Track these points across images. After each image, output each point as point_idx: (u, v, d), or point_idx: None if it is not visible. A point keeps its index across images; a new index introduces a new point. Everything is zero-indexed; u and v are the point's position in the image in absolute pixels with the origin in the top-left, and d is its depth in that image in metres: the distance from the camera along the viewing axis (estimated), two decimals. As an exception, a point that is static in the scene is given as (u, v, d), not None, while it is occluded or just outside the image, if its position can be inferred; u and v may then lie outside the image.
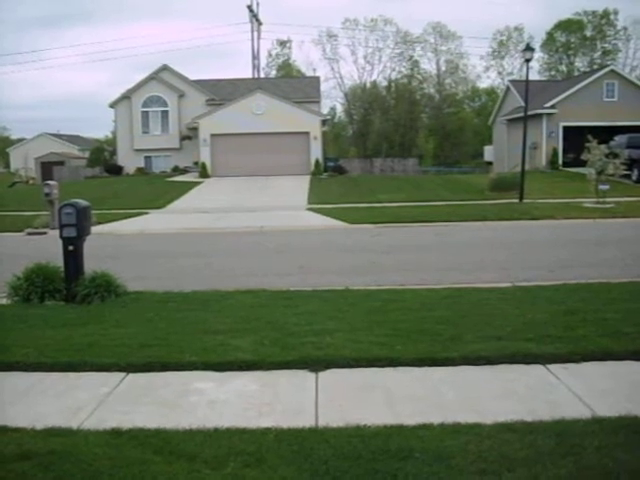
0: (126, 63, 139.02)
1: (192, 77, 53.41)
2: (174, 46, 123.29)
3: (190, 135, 49.01)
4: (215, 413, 6.03)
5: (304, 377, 6.93)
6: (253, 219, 24.96)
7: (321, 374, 6.97)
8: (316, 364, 7.13)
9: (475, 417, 5.68)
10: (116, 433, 5.50)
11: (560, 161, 44.33)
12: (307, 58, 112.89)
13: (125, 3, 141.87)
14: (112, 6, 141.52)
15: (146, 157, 51.14)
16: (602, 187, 26.93)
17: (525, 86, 30.96)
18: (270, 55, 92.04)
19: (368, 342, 7.78)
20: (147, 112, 50.79)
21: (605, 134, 34.43)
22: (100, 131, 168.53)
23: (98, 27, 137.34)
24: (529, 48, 31.22)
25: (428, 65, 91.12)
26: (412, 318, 8.89)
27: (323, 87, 65.90)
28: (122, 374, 7.08)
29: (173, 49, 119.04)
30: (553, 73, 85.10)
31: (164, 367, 7.19)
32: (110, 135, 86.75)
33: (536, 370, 6.97)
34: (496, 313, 9.10)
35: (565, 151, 44.34)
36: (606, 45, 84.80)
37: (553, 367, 6.98)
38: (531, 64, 30.91)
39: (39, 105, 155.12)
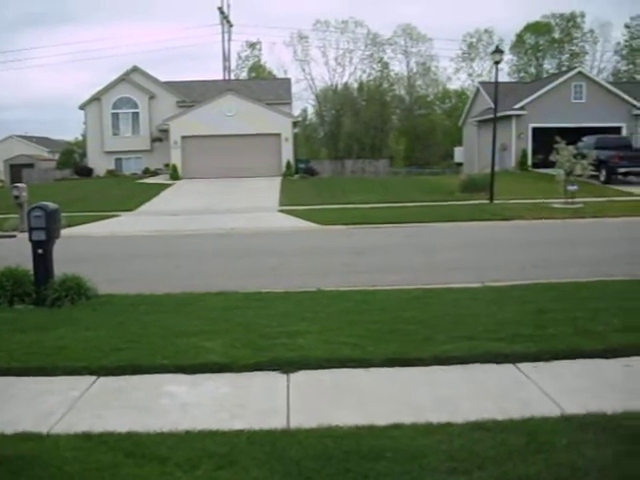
0: (99, 65, 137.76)
1: (164, 78, 53.31)
2: (147, 48, 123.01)
3: (161, 137, 48.81)
4: (187, 416, 6.01)
5: (276, 379, 6.93)
6: (224, 221, 24.91)
7: (293, 375, 6.97)
8: (288, 365, 7.13)
9: (447, 416, 5.72)
10: (87, 437, 5.46)
11: (529, 162, 44.74)
12: (279, 60, 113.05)
13: (98, 4, 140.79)
14: (86, 7, 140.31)
15: (116, 159, 50.83)
16: (571, 188, 27.18)
17: (494, 88, 31.27)
18: (240, 57, 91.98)
19: (340, 343, 7.79)
20: (117, 114, 50.51)
21: (573, 135, 34.79)
22: (70, 133, 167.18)
23: (73, 28, 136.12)
24: (498, 50, 31.48)
25: (399, 67, 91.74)
26: (384, 319, 8.92)
27: (294, 89, 65.89)
28: (93, 377, 7.03)
29: (146, 51, 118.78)
30: (522, 75, 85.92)
31: (135, 370, 7.15)
32: (80, 137, 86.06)
33: (507, 369, 7.03)
34: (467, 313, 9.15)
35: (534, 152, 44.75)
36: (574, 47, 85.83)
37: (523, 366, 7.04)
38: (501, 66, 31.22)
39: (8, 106, 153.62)
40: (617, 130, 44.11)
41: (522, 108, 45.22)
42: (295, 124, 49.11)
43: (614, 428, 5.30)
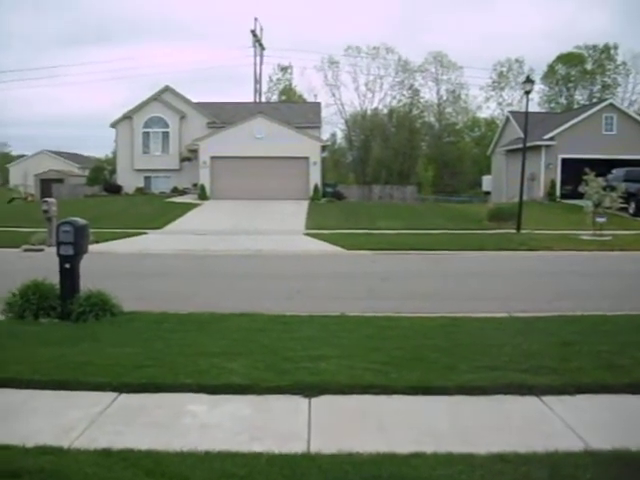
0: (131, 84, 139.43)
1: (195, 99, 53.75)
2: (180, 68, 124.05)
3: (190, 157, 49.12)
4: (207, 436, 6.00)
5: (297, 402, 6.90)
6: (251, 242, 24.97)
7: (315, 400, 6.94)
8: (310, 390, 7.11)
9: (468, 447, 5.66)
10: (107, 453, 5.47)
11: (558, 193, 44.48)
12: (309, 84, 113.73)
13: (134, 25, 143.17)
14: (121, 28, 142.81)
15: (146, 177, 51.25)
16: (599, 219, 27.01)
17: (525, 117, 31.15)
18: (271, 80, 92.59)
19: (363, 369, 7.75)
20: (148, 132, 50.98)
21: (603, 167, 34.59)
22: (101, 150, 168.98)
23: (108, 48, 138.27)
24: (529, 80, 31.43)
25: (429, 94, 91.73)
26: (408, 346, 8.88)
27: (324, 113, 66.19)
28: (115, 394, 7.05)
29: (179, 71, 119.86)
30: (553, 105, 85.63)
31: (157, 388, 7.17)
32: (110, 155, 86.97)
33: (530, 401, 6.95)
34: (492, 343, 9.08)
35: (563, 183, 44.50)
36: (606, 79, 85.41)
37: (547, 398, 6.96)
38: (531, 96, 31.17)
39: (40, 122, 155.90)
40: (648, 163, 43.85)
41: (552, 138, 45.03)
42: (324, 148, 49.25)
43: (639, 465, 5.22)
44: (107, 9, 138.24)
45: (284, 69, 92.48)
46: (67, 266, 10.59)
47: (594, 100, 72.19)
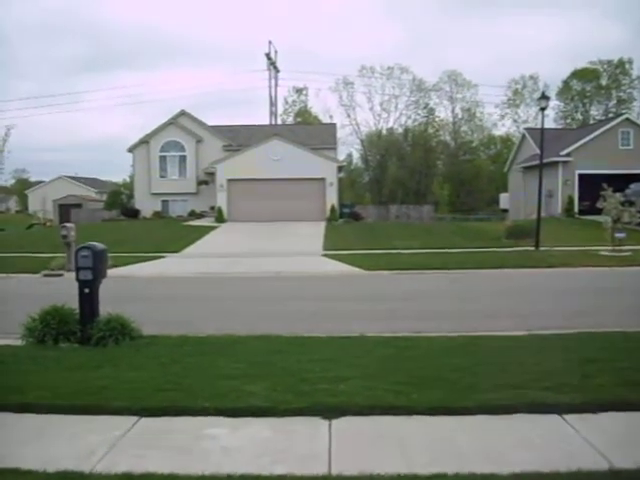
0: (148, 109, 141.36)
1: (211, 122, 54.16)
2: (195, 92, 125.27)
3: (207, 180, 49.38)
4: (228, 459, 5.98)
5: (318, 424, 6.87)
6: (269, 264, 24.97)
7: (335, 421, 6.91)
8: (330, 411, 7.08)
9: (491, 467, 5.61)
10: (128, 478, 5.47)
11: (576, 209, 44.34)
12: (324, 105, 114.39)
13: (152, 51, 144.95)
14: (138, 53, 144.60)
15: (163, 201, 51.57)
16: (618, 235, 26.84)
17: (541, 134, 31.10)
18: (287, 102, 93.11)
19: (383, 390, 7.72)
20: (165, 156, 51.34)
21: (621, 182, 34.47)
22: (118, 175, 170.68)
23: (125, 73, 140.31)
24: (544, 97, 31.39)
25: (444, 112, 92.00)
26: (428, 366, 8.83)
27: (339, 134, 66.43)
28: (135, 418, 7.05)
29: (194, 95, 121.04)
30: (569, 121, 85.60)
31: (177, 412, 7.16)
32: (127, 179, 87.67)
33: (552, 420, 6.89)
34: (512, 361, 9.02)
35: (581, 199, 44.39)
36: (621, 94, 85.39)
37: (569, 417, 6.89)
38: (547, 112, 31.21)
39: (59, 148, 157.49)
40: (666, 177, 43.66)
41: (568, 154, 44.96)
42: (340, 169, 49.34)
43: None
44: (123, 35, 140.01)
45: (299, 91, 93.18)
46: (86, 291, 10.64)
47: (610, 115, 72.12)
